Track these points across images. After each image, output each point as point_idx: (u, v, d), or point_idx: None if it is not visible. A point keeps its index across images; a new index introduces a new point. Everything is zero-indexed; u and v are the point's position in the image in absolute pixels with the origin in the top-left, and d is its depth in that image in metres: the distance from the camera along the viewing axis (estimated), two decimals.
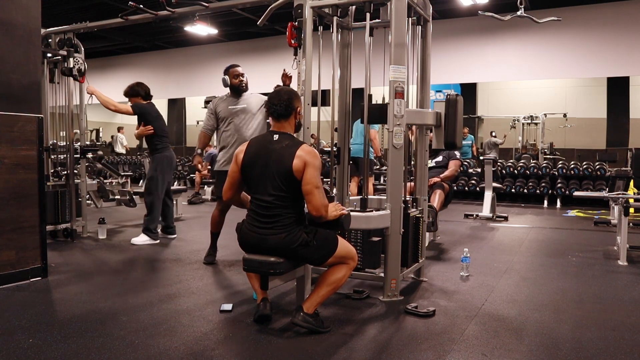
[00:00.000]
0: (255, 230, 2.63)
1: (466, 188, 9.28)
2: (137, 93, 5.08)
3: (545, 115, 12.36)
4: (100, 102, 5.00)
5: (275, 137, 2.69)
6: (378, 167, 8.72)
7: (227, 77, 4.26)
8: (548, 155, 11.61)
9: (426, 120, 3.48)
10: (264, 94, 3.97)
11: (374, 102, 3.47)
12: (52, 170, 5.34)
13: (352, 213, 2.93)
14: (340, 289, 2.92)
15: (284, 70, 3.77)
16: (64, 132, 5.47)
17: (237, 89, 4.28)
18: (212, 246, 4.32)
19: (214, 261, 4.23)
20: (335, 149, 3.73)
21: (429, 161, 5.41)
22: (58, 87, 5.40)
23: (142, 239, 5.00)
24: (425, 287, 3.56)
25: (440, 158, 5.48)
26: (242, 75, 4.26)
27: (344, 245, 2.74)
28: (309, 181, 2.57)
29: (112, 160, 13.08)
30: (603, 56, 9.84)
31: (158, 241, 5.06)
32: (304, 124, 3.13)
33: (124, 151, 14.31)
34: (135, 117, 5.12)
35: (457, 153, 5.54)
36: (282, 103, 2.70)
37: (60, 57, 5.13)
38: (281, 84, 3.75)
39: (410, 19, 3.36)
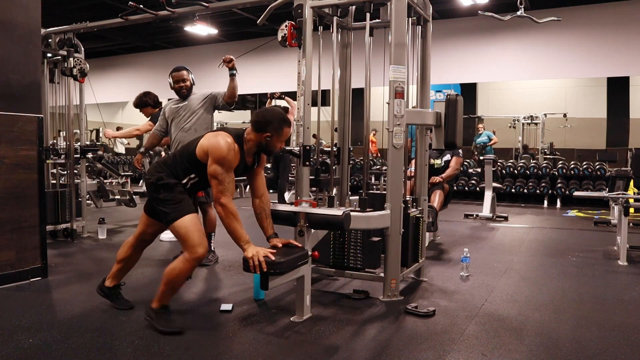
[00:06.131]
0: None
1: (466, 188, 9.27)
2: (146, 103, 5.14)
3: (545, 115, 12.36)
4: (127, 138, 5.04)
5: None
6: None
7: (170, 81, 4.14)
8: (548, 155, 11.61)
9: (426, 120, 3.48)
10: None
11: (373, 102, 3.47)
12: (52, 171, 5.35)
13: (352, 213, 2.93)
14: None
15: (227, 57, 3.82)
16: (64, 132, 5.47)
17: (178, 94, 4.16)
18: None
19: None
20: (335, 149, 3.73)
21: (439, 161, 5.38)
22: (58, 87, 5.40)
23: (168, 236, 5.08)
24: (425, 287, 3.57)
25: (448, 157, 5.42)
26: (184, 80, 4.09)
27: (189, 227, 2.60)
28: (210, 172, 2.60)
29: (112, 160, 13.08)
30: (603, 56, 9.83)
31: None
32: (304, 124, 3.13)
33: (123, 150, 14.32)
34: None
35: (460, 150, 5.50)
36: (258, 116, 2.73)
37: (60, 57, 5.13)
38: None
39: (410, 19, 3.36)
